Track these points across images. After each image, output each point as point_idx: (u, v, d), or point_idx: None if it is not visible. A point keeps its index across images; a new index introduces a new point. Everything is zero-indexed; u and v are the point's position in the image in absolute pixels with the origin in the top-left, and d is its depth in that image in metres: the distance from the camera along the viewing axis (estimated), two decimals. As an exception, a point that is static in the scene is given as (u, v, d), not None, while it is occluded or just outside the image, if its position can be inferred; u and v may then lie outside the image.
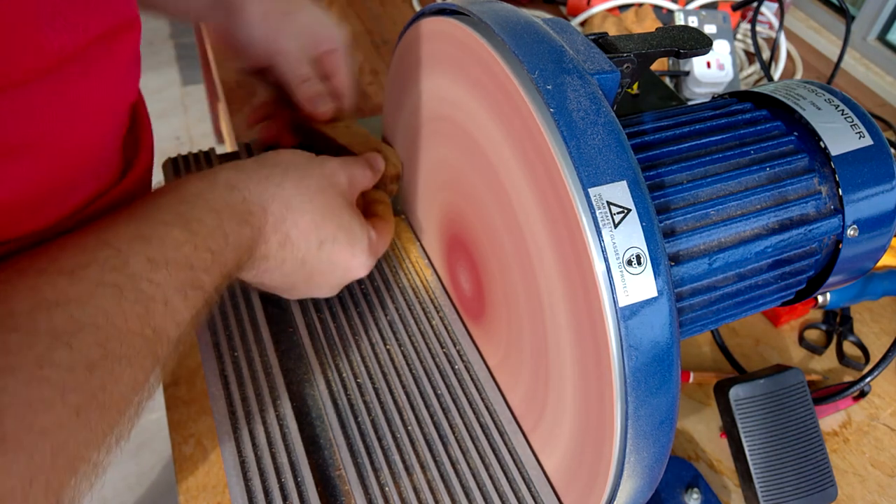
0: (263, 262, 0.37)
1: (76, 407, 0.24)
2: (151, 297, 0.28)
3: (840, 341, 0.58)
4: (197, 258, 0.31)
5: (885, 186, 0.37)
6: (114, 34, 0.30)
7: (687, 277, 0.33)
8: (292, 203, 0.37)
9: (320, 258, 0.39)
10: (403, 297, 0.47)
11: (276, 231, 0.36)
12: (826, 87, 0.40)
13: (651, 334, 0.27)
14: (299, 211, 0.37)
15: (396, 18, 0.91)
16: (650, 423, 0.28)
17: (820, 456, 0.46)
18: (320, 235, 0.38)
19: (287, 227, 0.36)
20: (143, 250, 0.29)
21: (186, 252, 0.31)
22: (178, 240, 0.31)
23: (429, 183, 0.46)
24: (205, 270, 0.31)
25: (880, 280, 0.58)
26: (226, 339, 0.43)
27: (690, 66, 0.77)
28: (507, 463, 0.38)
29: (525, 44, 0.30)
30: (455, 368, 0.43)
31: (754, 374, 0.48)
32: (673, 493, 0.45)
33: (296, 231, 0.37)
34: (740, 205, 0.35)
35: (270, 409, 0.40)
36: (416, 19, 0.41)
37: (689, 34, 0.36)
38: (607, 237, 0.27)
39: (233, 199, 0.34)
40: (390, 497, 0.37)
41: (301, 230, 0.37)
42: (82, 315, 0.26)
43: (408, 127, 0.47)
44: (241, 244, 0.34)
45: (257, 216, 0.35)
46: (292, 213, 0.37)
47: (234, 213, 0.34)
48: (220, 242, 0.32)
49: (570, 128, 0.28)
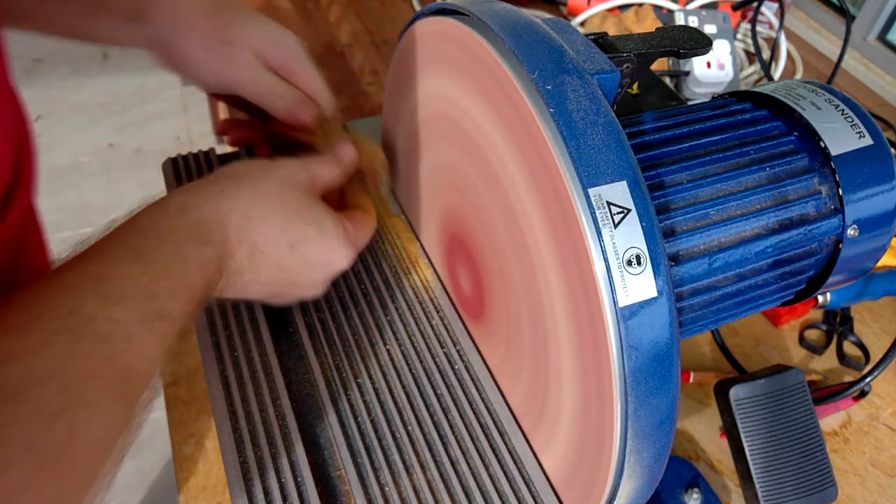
0: (238, 278, 0.36)
1: (42, 462, 0.23)
2: (112, 336, 0.27)
3: (840, 341, 0.58)
4: (157, 287, 0.30)
5: (885, 186, 0.37)
6: None
7: (687, 277, 0.33)
8: (251, 212, 0.36)
9: (296, 260, 0.38)
10: (403, 297, 0.47)
11: (240, 243, 0.35)
12: (826, 87, 0.40)
13: (651, 334, 0.27)
14: (260, 219, 0.36)
15: (396, 18, 0.91)
16: (650, 423, 0.28)
17: (820, 456, 0.46)
18: (290, 238, 0.37)
19: (252, 237, 0.35)
20: (95, 290, 0.28)
21: (143, 283, 0.29)
22: (133, 272, 0.29)
23: (429, 183, 0.46)
24: (169, 297, 0.30)
25: (880, 280, 0.58)
26: (226, 339, 0.43)
27: (690, 66, 0.77)
28: (507, 463, 0.38)
29: (525, 44, 0.30)
30: (455, 368, 0.43)
31: (754, 374, 0.48)
32: (673, 492, 0.45)
33: (262, 239, 0.36)
34: (740, 205, 0.35)
35: (270, 410, 0.40)
36: (416, 19, 0.41)
37: (689, 34, 0.36)
38: (607, 237, 0.27)
39: (187, 222, 0.33)
40: (390, 497, 0.37)
41: (268, 237, 0.36)
42: (37, 366, 0.24)
43: (408, 127, 0.47)
44: (205, 265, 0.33)
45: (216, 233, 0.34)
46: (253, 222, 0.36)
47: (190, 236, 0.33)
48: (180, 267, 0.31)
49: (570, 128, 0.28)
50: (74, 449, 0.24)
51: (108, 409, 0.26)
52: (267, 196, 0.37)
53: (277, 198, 0.37)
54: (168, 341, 0.30)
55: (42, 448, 0.23)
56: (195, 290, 0.32)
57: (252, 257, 0.36)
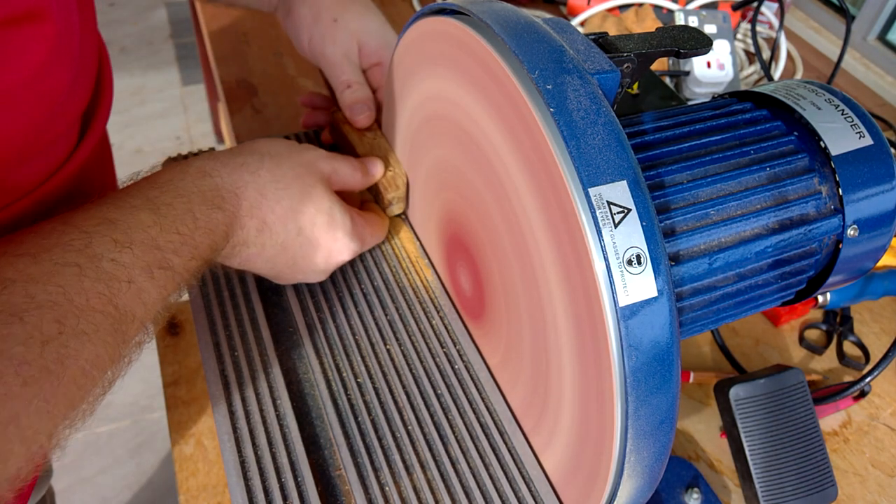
0: (244, 249, 0.37)
1: (26, 378, 0.25)
2: (114, 277, 0.29)
3: (840, 341, 0.58)
4: (164, 239, 0.31)
5: (885, 186, 0.37)
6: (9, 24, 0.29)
7: (687, 277, 0.33)
8: (267, 190, 0.37)
9: (301, 243, 0.39)
10: (403, 297, 0.47)
11: (251, 216, 0.37)
12: (826, 87, 0.40)
13: (651, 334, 0.27)
14: (274, 198, 0.38)
15: (396, 18, 0.91)
16: (650, 423, 0.28)
17: (820, 456, 0.46)
18: (299, 221, 0.39)
19: (263, 213, 0.37)
20: (108, 232, 0.30)
21: (153, 234, 0.31)
22: (145, 222, 0.31)
23: (428, 183, 0.46)
24: (173, 252, 0.32)
25: (880, 280, 0.58)
26: (226, 339, 0.43)
27: (690, 66, 0.77)
28: (507, 463, 0.38)
29: (525, 44, 0.30)
30: (455, 368, 0.43)
31: (754, 374, 0.48)
32: (673, 492, 0.45)
33: (272, 217, 0.37)
34: (740, 205, 0.35)
35: (270, 409, 0.40)
36: (416, 19, 0.41)
37: (689, 34, 0.36)
38: (607, 237, 0.27)
39: (204, 186, 0.35)
40: (390, 497, 0.37)
41: (278, 216, 0.38)
42: (40, 292, 0.26)
43: (408, 127, 0.47)
44: (213, 228, 0.34)
45: (230, 201, 0.36)
46: (267, 199, 0.37)
47: (204, 199, 0.34)
48: (189, 225, 0.33)
49: (570, 127, 0.28)
50: (60, 372, 0.26)
51: (98, 341, 0.28)
52: (284, 178, 0.38)
53: (295, 181, 0.39)
54: (167, 291, 0.32)
55: (29, 366, 0.25)
56: (200, 249, 0.33)
57: (260, 231, 0.37)
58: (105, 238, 0.29)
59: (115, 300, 0.29)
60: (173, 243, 0.32)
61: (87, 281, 0.28)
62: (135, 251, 0.30)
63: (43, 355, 0.25)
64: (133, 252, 0.30)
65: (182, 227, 0.33)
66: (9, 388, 0.24)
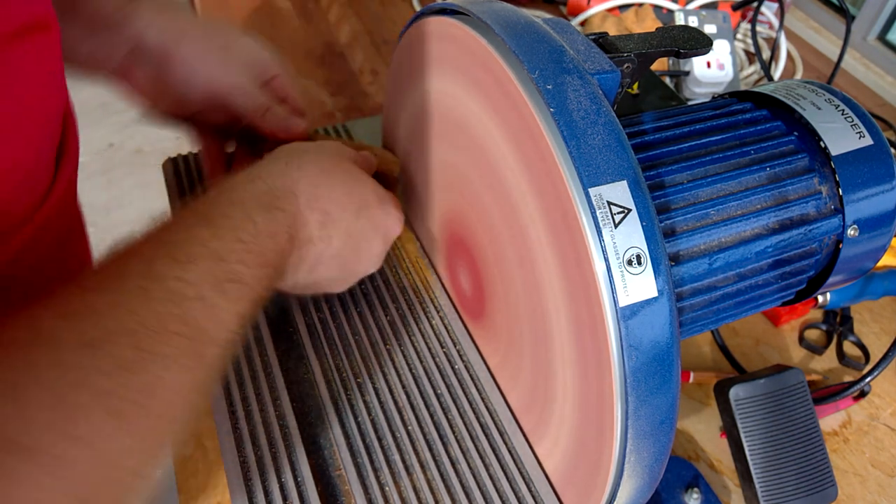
0: (311, 248, 0.36)
1: (116, 411, 0.23)
2: (183, 295, 0.27)
3: (840, 341, 0.58)
4: (226, 250, 0.30)
5: (885, 186, 0.37)
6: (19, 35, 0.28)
7: (687, 277, 0.33)
8: (318, 180, 0.37)
9: (361, 226, 0.39)
10: (403, 297, 0.47)
11: (311, 209, 0.36)
12: (826, 87, 0.40)
13: (651, 334, 0.27)
14: (327, 186, 0.37)
15: (396, 18, 0.91)
16: (650, 423, 0.28)
17: (820, 456, 0.46)
18: (355, 202, 0.38)
19: (322, 203, 0.36)
20: (167, 253, 0.28)
21: (213, 247, 0.29)
22: (203, 237, 0.30)
23: (429, 183, 0.46)
24: (239, 262, 0.30)
25: (880, 280, 0.58)
26: (226, 338, 0.43)
27: (690, 66, 0.77)
28: (507, 463, 0.38)
29: (525, 44, 0.30)
30: (455, 368, 0.43)
31: (754, 374, 0.48)
32: (673, 493, 0.45)
33: (332, 205, 0.37)
34: (740, 205, 0.35)
35: (270, 410, 0.40)
36: (416, 19, 0.41)
37: (689, 34, 0.36)
38: (607, 237, 0.27)
39: (256, 190, 0.34)
40: (390, 497, 0.37)
41: (337, 202, 0.37)
42: (111, 321, 0.25)
43: (408, 127, 0.47)
44: (276, 231, 0.33)
45: (287, 200, 0.34)
46: (321, 189, 0.37)
47: (259, 203, 0.33)
48: (249, 231, 0.31)
49: (570, 128, 0.28)
50: (145, 402, 0.24)
51: (179, 366, 0.26)
52: (328, 169, 0.38)
53: (338, 168, 0.39)
54: (240, 306, 0.30)
55: (113, 396, 0.23)
56: (266, 255, 0.32)
57: (323, 224, 0.36)
58: (165, 259, 0.28)
59: (189, 320, 0.27)
60: (237, 252, 0.30)
61: (156, 303, 0.26)
62: (200, 266, 0.28)
63: (128, 384, 0.24)
64: (196, 267, 0.28)
65: (244, 235, 0.31)
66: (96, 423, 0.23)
